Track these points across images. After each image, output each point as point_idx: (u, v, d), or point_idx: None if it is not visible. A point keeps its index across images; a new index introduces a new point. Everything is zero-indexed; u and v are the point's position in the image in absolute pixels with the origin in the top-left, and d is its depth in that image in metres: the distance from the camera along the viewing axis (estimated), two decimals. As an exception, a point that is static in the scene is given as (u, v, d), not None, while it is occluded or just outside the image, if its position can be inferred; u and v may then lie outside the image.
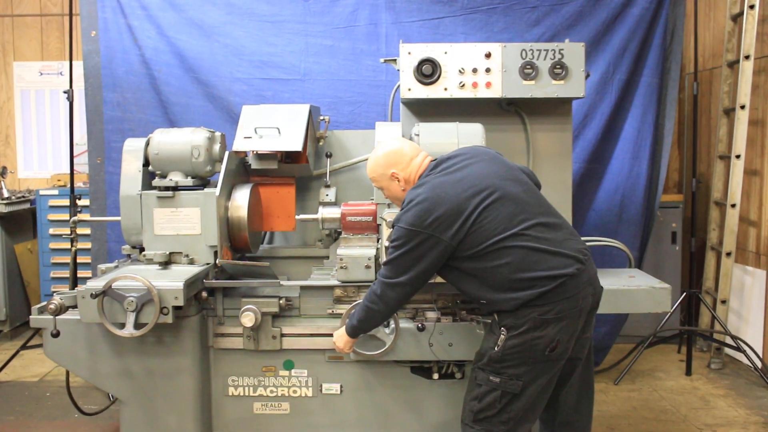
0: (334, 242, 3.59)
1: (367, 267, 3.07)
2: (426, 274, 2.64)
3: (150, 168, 3.32)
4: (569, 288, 2.53)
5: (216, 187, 3.18)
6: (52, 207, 5.67)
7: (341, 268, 3.09)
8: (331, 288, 3.16)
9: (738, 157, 4.85)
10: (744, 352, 4.65)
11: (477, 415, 2.62)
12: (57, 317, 2.98)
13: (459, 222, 2.54)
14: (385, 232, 2.98)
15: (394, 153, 2.83)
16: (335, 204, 3.49)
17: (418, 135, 3.23)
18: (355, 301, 3.11)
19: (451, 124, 3.21)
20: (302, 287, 3.20)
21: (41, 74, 6.44)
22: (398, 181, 2.81)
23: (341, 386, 3.19)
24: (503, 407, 2.58)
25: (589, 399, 2.90)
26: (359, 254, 3.09)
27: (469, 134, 3.18)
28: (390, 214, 3.02)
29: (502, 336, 2.55)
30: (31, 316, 3.10)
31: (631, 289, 3.19)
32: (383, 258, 3.01)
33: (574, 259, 2.57)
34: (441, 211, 2.55)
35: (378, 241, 3.18)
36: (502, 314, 2.58)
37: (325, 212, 3.35)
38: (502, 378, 2.57)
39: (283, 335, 3.14)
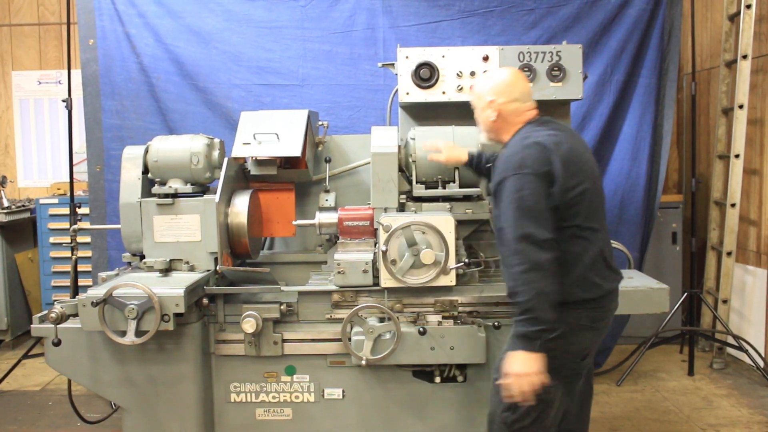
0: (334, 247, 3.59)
1: (365, 271, 3.07)
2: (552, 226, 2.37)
3: (149, 175, 3.32)
4: (606, 301, 2.52)
5: (215, 193, 3.18)
6: (52, 216, 5.66)
7: (339, 272, 3.09)
8: (329, 293, 3.16)
9: (737, 156, 4.86)
10: (746, 351, 4.65)
11: (512, 426, 2.53)
12: (58, 326, 2.98)
13: (574, 181, 2.39)
14: (382, 236, 2.98)
15: (511, 84, 2.58)
16: (333, 209, 3.49)
17: (414, 139, 3.23)
18: (354, 306, 3.09)
19: (447, 127, 3.22)
20: (300, 292, 3.19)
21: (40, 83, 6.44)
22: (493, 110, 2.59)
23: (343, 391, 3.19)
24: (538, 416, 2.50)
25: (589, 407, 2.88)
26: (356, 259, 3.09)
27: (465, 137, 3.19)
28: (386, 218, 3.01)
29: None
30: (32, 325, 3.10)
31: (629, 290, 3.18)
32: (381, 263, 2.99)
33: (618, 274, 2.57)
34: (566, 159, 2.38)
35: (375, 246, 3.17)
36: None
37: (322, 217, 3.35)
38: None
39: (284, 341, 3.14)
